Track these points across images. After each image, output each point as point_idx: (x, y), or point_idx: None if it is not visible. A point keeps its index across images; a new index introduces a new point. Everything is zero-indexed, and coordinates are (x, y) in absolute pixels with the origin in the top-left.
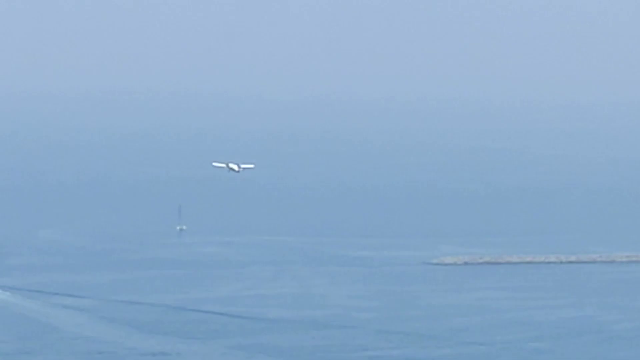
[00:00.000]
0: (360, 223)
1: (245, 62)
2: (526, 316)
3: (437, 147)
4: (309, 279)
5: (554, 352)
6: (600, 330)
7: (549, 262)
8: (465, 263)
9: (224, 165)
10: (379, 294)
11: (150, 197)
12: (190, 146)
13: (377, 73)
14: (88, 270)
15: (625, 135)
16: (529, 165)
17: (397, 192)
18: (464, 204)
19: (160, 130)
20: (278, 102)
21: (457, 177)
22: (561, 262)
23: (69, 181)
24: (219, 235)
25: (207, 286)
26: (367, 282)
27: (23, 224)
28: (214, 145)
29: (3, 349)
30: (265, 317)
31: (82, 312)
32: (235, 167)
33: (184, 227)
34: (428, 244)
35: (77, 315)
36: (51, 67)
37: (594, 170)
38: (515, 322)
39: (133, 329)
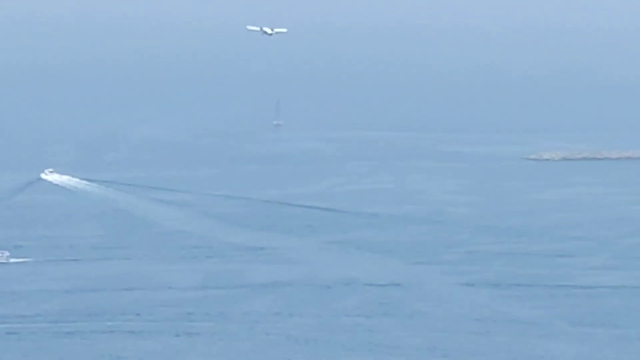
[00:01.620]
0: (458, 118)
1: None
2: (624, 212)
3: (538, 42)
4: (406, 175)
5: None
6: None
7: None
8: (564, 158)
9: (257, 28)
10: (476, 189)
11: (248, 92)
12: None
13: None
14: (185, 165)
15: None
16: (629, 58)
17: (495, 87)
18: (562, 98)
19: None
20: None
21: (555, 71)
22: None
23: (166, 77)
24: (316, 130)
25: (303, 181)
26: (464, 178)
27: (119, 120)
28: (315, 43)
29: (101, 242)
30: (362, 212)
31: (179, 207)
32: (268, 30)
33: (281, 123)
34: (526, 139)
35: (174, 210)
36: None
37: None
38: (613, 218)
39: (229, 224)
